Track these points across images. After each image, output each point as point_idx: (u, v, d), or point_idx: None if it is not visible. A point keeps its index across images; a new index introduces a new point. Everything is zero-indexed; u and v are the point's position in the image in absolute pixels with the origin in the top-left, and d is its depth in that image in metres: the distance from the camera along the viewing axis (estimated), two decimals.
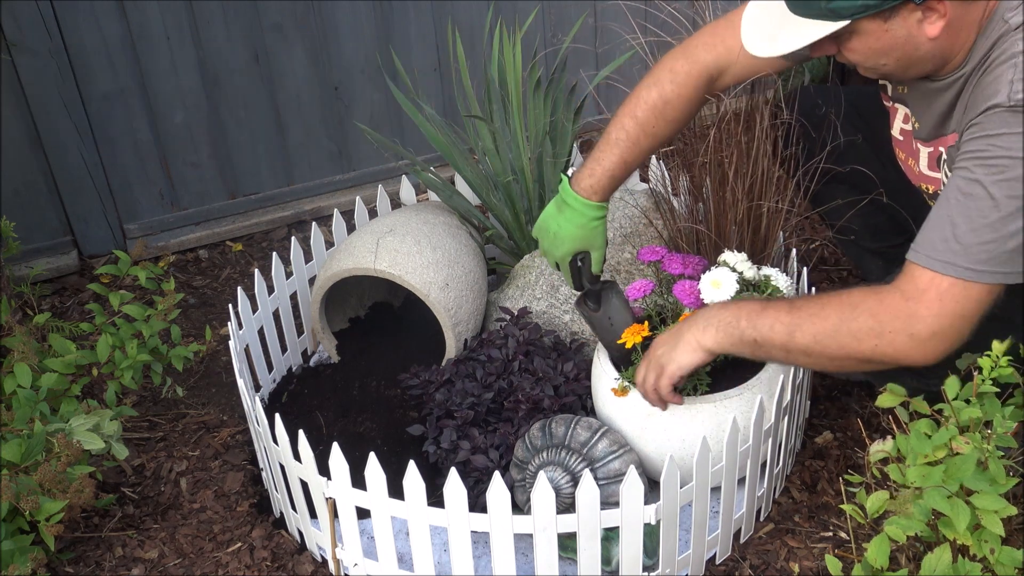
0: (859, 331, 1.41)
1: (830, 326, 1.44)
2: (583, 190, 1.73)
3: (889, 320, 1.39)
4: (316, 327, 2.18)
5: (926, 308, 1.37)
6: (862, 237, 2.05)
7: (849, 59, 1.46)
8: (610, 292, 1.83)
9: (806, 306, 1.48)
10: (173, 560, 1.83)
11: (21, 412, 1.76)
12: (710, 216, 1.98)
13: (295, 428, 1.70)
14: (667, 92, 1.70)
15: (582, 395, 1.90)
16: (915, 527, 1.23)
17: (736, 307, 1.55)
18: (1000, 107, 1.32)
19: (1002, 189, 1.31)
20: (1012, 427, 1.26)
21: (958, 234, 1.35)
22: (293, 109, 2.75)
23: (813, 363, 1.52)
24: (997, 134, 1.32)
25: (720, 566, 1.76)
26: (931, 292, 1.37)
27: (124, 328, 2.00)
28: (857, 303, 1.43)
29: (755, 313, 1.51)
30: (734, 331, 1.53)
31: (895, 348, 1.40)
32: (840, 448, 1.98)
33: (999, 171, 1.31)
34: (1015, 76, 1.32)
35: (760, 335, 1.50)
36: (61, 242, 2.65)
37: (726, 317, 1.54)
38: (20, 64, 2.42)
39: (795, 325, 1.46)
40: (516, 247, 2.34)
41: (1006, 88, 1.32)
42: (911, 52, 1.41)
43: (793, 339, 1.47)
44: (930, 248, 1.37)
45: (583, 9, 2.85)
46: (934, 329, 1.37)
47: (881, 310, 1.40)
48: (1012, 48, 1.35)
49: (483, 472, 1.78)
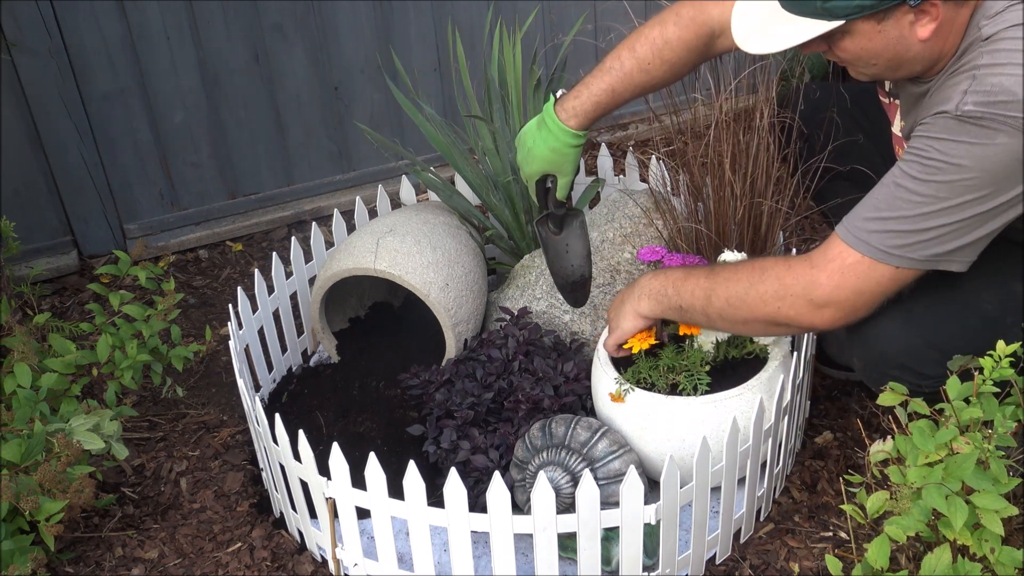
0: (765, 293, 1.51)
1: (741, 289, 1.54)
2: (564, 110, 1.75)
3: (792, 283, 1.49)
4: (316, 327, 2.18)
5: (827, 277, 1.46)
6: None
7: (839, 58, 1.47)
8: (573, 219, 1.89)
9: (722, 271, 1.58)
10: (173, 560, 1.83)
11: (21, 412, 1.76)
12: (710, 216, 1.98)
13: (295, 428, 1.70)
14: (669, 32, 1.72)
15: (582, 395, 1.90)
16: (915, 527, 1.23)
17: (664, 275, 1.67)
18: (948, 114, 1.37)
19: (930, 188, 1.38)
20: (1012, 427, 1.26)
21: (880, 216, 1.42)
22: (293, 109, 2.75)
23: (729, 326, 1.62)
24: (938, 138, 1.37)
25: (720, 566, 1.76)
26: (835, 263, 1.45)
27: (124, 328, 2.00)
28: (767, 267, 1.53)
29: (680, 280, 1.64)
30: (663, 298, 1.66)
31: (795, 311, 1.49)
32: (840, 448, 1.98)
33: (931, 172, 1.38)
34: (969, 87, 1.36)
35: (684, 301, 1.62)
36: (61, 242, 2.65)
37: (656, 286, 1.67)
38: (20, 64, 2.42)
39: (711, 289, 1.57)
40: (516, 247, 2.34)
41: (958, 97, 1.36)
42: (902, 53, 1.42)
43: (710, 302, 1.58)
44: (851, 224, 1.45)
45: (583, 9, 2.85)
46: (831, 298, 1.46)
47: (787, 275, 1.50)
48: (976, 60, 1.38)
49: (483, 472, 1.78)
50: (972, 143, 1.34)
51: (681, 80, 1.79)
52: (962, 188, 1.36)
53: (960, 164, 1.35)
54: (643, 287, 1.69)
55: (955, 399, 1.30)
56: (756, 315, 1.54)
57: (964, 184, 1.36)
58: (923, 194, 1.38)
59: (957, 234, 1.40)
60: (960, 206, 1.37)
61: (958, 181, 1.36)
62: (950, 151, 1.36)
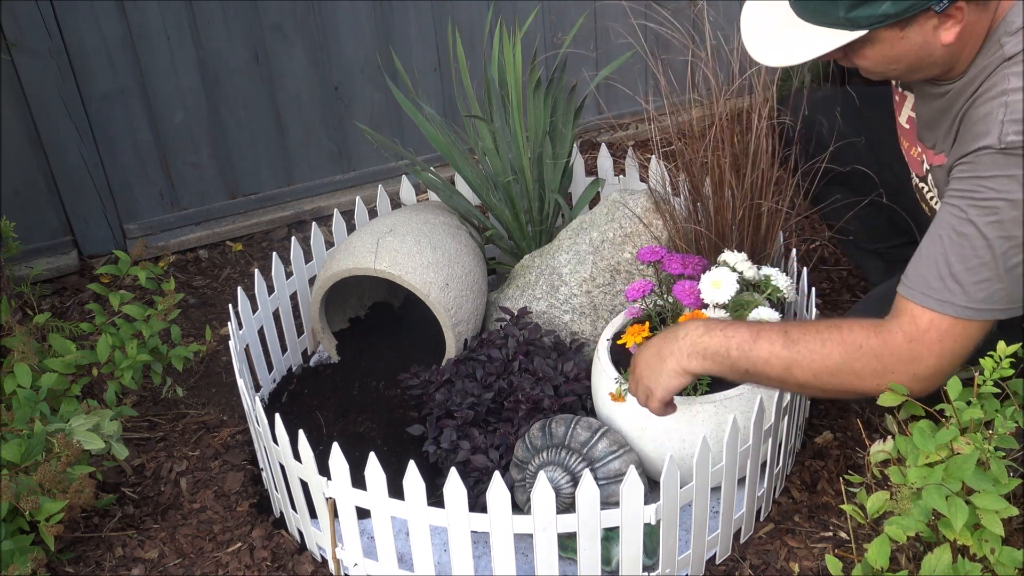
0: (862, 371, 1.40)
1: (832, 364, 1.41)
2: None
3: (893, 363, 1.38)
4: (316, 327, 2.18)
5: (928, 350, 1.37)
6: (861, 238, 2.06)
7: (859, 65, 1.44)
8: None
9: (802, 339, 1.43)
10: (173, 560, 1.83)
11: (21, 412, 1.76)
12: (709, 216, 1.98)
13: (295, 428, 1.70)
14: None
15: (582, 395, 1.90)
16: (915, 527, 1.23)
17: (722, 334, 1.47)
18: (991, 148, 1.32)
19: (995, 230, 1.32)
20: (1012, 427, 1.26)
21: (955, 272, 1.34)
22: (293, 109, 2.75)
23: (805, 392, 1.52)
24: (989, 176, 1.32)
25: (720, 566, 1.76)
26: (932, 333, 1.36)
27: (124, 328, 2.00)
28: (860, 343, 1.40)
29: (747, 343, 1.45)
30: (724, 360, 1.47)
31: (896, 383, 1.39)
32: (840, 448, 1.98)
33: (991, 212, 1.32)
34: (1005, 116, 1.31)
35: (752, 367, 1.45)
36: (61, 242, 2.65)
37: (712, 345, 1.47)
38: (20, 64, 2.41)
39: (792, 361, 1.43)
40: (516, 247, 2.34)
41: (996, 129, 1.32)
42: (924, 58, 1.39)
43: (791, 374, 1.44)
44: (926, 287, 1.36)
45: (583, 9, 2.85)
46: (936, 369, 1.37)
47: (885, 352, 1.38)
48: (1002, 84, 1.34)
49: (483, 472, 1.78)
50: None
51: None
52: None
53: (1017, 199, 1.30)
54: (692, 343, 1.49)
55: (955, 400, 1.30)
56: (849, 389, 1.42)
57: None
58: (990, 237, 1.32)
59: None
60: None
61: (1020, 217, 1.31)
62: (1004, 188, 1.31)
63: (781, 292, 1.79)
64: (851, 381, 1.41)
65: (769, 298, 1.78)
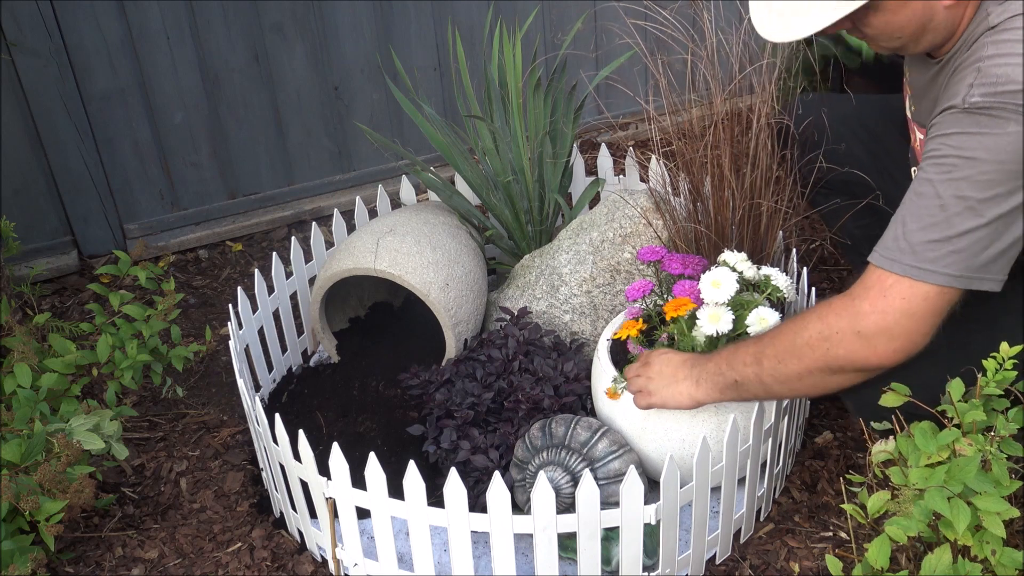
0: (811, 338, 1.43)
1: (787, 341, 1.46)
2: None
3: (835, 320, 1.41)
4: (316, 327, 2.18)
5: (869, 304, 1.38)
6: (862, 245, 2.05)
7: (863, 33, 1.45)
8: None
9: (767, 334, 1.51)
10: (173, 560, 1.83)
11: (21, 412, 1.76)
12: (709, 216, 1.98)
13: (295, 428, 1.70)
14: None
15: (582, 395, 1.90)
16: (916, 527, 1.23)
17: (718, 355, 1.58)
18: (955, 108, 1.34)
19: (949, 188, 1.33)
20: (1014, 429, 1.26)
21: (907, 232, 1.36)
22: (293, 109, 2.75)
23: (787, 389, 1.52)
24: (948, 133, 1.34)
25: (720, 566, 1.76)
26: (875, 288, 1.38)
27: (124, 328, 2.00)
28: (808, 314, 1.45)
29: (730, 353, 1.55)
30: (719, 377, 1.57)
31: (846, 348, 1.40)
32: (840, 448, 1.98)
33: (948, 170, 1.33)
34: (975, 80, 1.33)
35: (738, 373, 1.53)
36: (61, 242, 2.65)
37: (711, 368, 1.58)
38: (20, 64, 2.41)
39: (759, 352, 1.49)
40: (516, 247, 2.34)
41: (964, 91, 1.34)
42: (926, 23, 1.40)
43: (761, 365, 1.49)
44: (882, 247, 1.39)
45: (583, 9, 2.85)
46: (880, 326, 1.37)
47: (828, 312, 1.42)
48: (980, 51, 1.35)
49: (483, 472, 1.78)
50: (983, 133, 1.31)
51: None
52: (981, 184, 1.32)
53: (974, 157, 1.31)
54: (701, 368, 1.59)
55: (958, 402, 1.30)
56: (808, 365, 1.44)
57: (982, 180, 1.31)
58: (943, 195, 1.33)
59: (986, 240, 1.33)
60: (983, 203, 1.32)
61: (975, 176, 1.32)
62: (962, 144, 1.32)
63: (781, 292, 1.79)
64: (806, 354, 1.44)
65: (769, 298, 1.78)
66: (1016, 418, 1.27)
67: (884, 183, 1.85)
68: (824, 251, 2.52)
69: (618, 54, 2.37)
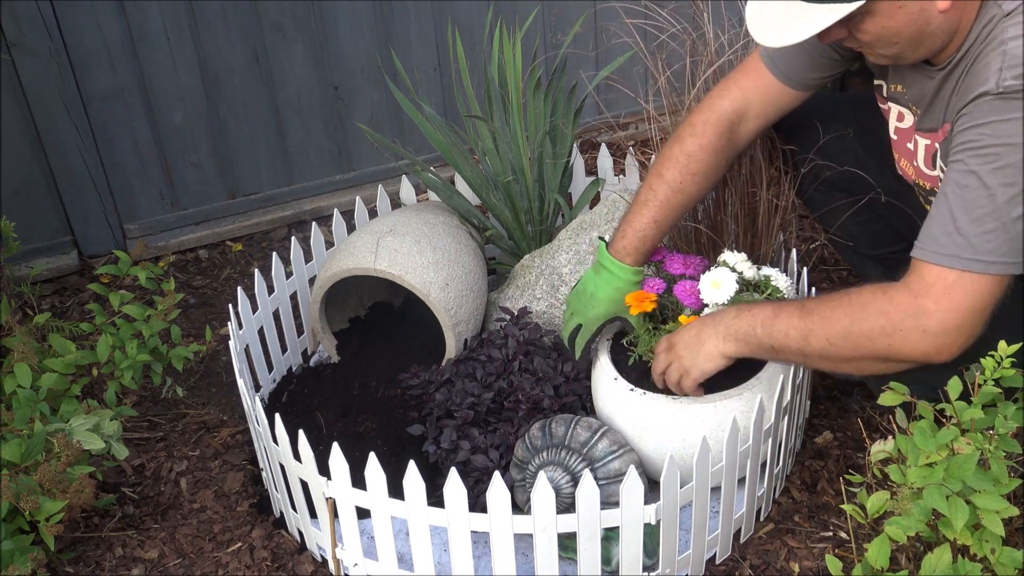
0: (871, 331, 1.43)
1: (842, 328, 1.46)
2: (618, 252, 1.77)
3: (900, 318, 1.40)
4: (316, 327, 2.18)
5: (934, 303, 1.37)
6: (861, 244, 2.05)
7: (859, 41, 1.44)
8: None
9: (817, 309, 1.50)
10: (173, 560, 1.83)
11: (21, 412, 1.76)
12: (708, 215, 1.98)
13: (295, 428, 1.70)
14: (688, 146, 1.73)
15: (582, 395, 1.90)
16: (915, 527, 1.23)
17: (750, 313, 1.58)
18: (988, 95, 1.33)
19: (996, 177, 1.32)
20: (1013, 428, 1.26)
21: (959, 226, 1.35)
22: (293, 109, 2.75)
23: (831, 365, 1.53)
24: (987, 122, 1.33)
25: (720, 566, 1.76)
26: (938, 286, 1.37)
27: (124, 328, 2.00)
28: (867, 303, 1.44)
29: (769, 319, 1.55)
30: (751, 339, 1.58)
31: (910, 345, 1.40)
32: (840, 448, 1.98)
33: (992, 159, 1.32)
34: (1004, 63, 1.32)
35: (776, 341, 1.54)
36: (61, 242, 2.65)
37: (742, 327, 1.58)
38: (20, 64, 2.41)
39: (808, 330, 1.49)
40: (516, 247, 2.34)
41: (994, 76, 1.32)
42: (922, 28, 1.39)
43: (808, 343, 1.50)
44: (933, 243, 1.38)
45: (583, 9, 2.85)
46: (946, 323, 1.37)
47: (891, 308, 1.41)
48: (1001, 34, 1.34)
49: (483, 472, 1.78)
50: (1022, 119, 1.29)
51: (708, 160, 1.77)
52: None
53: (1017, 143, 1.30)
54: (727, 327, 1.61)
55: (956, 400, 1.30)
56: (863, 353, 1.45)
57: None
58: (991, 185, 1.32)
59: None
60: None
61: (1021, 162, 1.30)
62: (1003, 131, 1.31)
63: (781, 292, 1.79)
64: (863, 343, 1.44)
65: (769, 298, 1.78)
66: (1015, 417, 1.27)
67: (885, 179, 1.84)
68: (824, 251, 2.52)
69: (618, 54, 2.36)
